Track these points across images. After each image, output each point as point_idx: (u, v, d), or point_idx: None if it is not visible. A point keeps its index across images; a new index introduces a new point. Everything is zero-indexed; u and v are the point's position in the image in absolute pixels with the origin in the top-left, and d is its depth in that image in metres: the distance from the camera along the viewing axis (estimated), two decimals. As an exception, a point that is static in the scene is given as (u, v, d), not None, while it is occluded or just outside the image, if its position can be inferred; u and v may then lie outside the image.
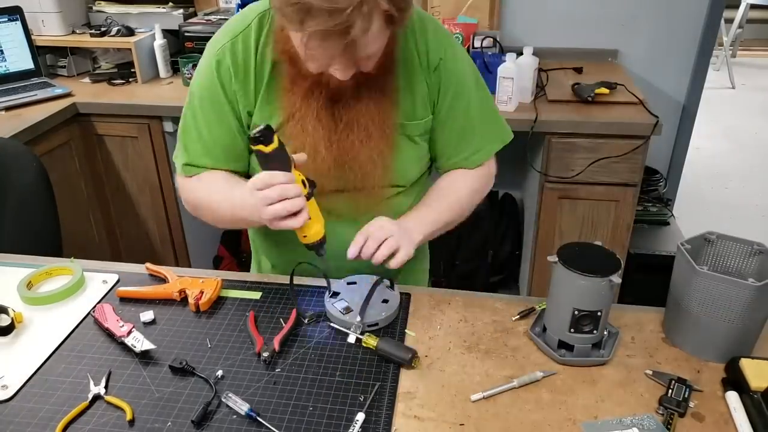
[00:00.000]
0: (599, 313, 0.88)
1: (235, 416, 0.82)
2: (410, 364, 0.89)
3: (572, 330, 0.89)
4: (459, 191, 1.16)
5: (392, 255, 0.99)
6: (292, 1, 0.82)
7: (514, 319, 1.00)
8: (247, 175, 1.13)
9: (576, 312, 0.88)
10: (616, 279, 0.85)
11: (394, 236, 1.00)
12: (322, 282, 1.07)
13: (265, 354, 0.90)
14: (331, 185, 1.07)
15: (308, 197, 0.94)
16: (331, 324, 0.98)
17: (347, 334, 0.95)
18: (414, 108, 1.08)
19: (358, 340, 0.94)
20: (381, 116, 1.03)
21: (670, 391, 0.84)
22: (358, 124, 1.02)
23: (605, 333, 0.92)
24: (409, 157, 1.12)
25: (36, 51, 2.22)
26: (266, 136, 0.88)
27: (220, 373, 0.88)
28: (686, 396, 0.83)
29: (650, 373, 0.88)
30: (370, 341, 0.92)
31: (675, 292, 0.93)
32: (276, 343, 0.91)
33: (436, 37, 1.08)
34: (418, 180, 1.18)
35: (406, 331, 0.97)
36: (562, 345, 0.91)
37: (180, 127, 1.12)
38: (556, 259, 0.89)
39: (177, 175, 1.14)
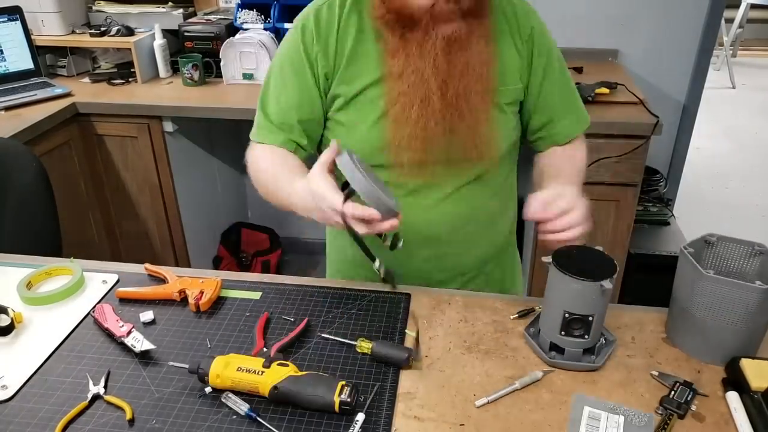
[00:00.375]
0: (590, 318, 0.87)
1: (234, 416, 0.81)
2: (407, 364, 0.89)
3: (563, 333, 0.89)
4: (579, 156, 1.15)
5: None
6: None
7: (512, 317, 1.00)
8: (317, 150, 1.13)
9: (567, 315, 0.87)
10: (607, 284, 0.84)
11: (580, 211, 0.94)
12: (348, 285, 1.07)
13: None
14: (429, 149, 1.03)
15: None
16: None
17: (347, 335, 0.95)
18: (505, 72, 1.06)
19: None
20: (489, 60, 1.01)
21: (672, 392, 0.84)
22: (473, 66, 0.99)
23: (602, 340, 0.92)
24: (498, 127, 1.08)
25: (36, 51, 2.22)
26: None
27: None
28: (689, 399, 0.83)
29: (656, 374, 0.88)
30: (365, 345, 0.91)
31: (679, 296, 0.93)
32: (273, 350, 0.91)
33: (524, 9, 1.08)
34: (504, 156, 1.14)
35: (406, 330, 0.97)
36: (554, 347, 0.91)
37: (259, 98, 1.11)
38: (550, 259, 0.89)
39: (251, 140, 1.13)
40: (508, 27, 1.06)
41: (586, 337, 0.88)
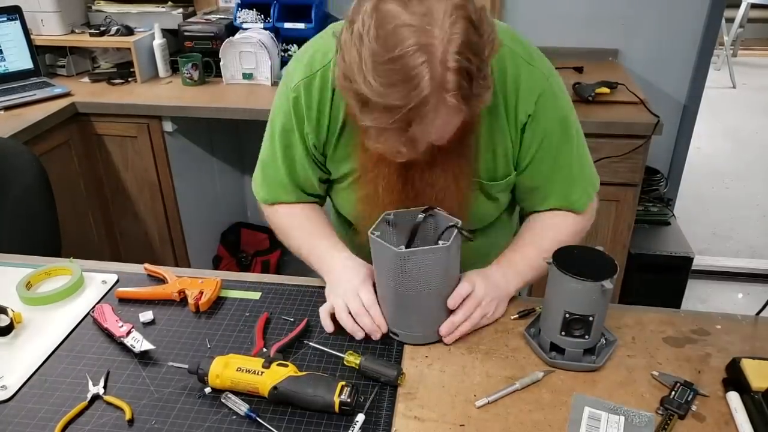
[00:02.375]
0: (591, 318, 0.87)
1: (234, 416, 0.81)
2: (396, 382, 0.86)
3: (563, 333, 0.88)
4: (559, 234, 1.04)
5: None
6: (350, 88, 0.76)
7: (512, 318, 0.99)
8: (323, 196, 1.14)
9: (567, 315, 0.87)
10: (608, 284, 0.84)
11: (487, 303, 0.95)
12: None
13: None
14: None
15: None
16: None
17: (346, 335, 0.95)
18: (495, 166, 1.00)
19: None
20: (456, 183, 0.96)
21: (673, 393, 0.84)
22: (433, 189, 0.96)
23: (603, 340, 0.92)
24: (486, 208, 1.07)
25: (35, 50, 2.22)
26: None
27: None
28: (689, 399, 0.83)
29: (656, 374, 0.88)
30: (352, 360, 0.89)
31: (381, 281, 0.93)
32: (273, 350, 0.90)
33: (529, 85, 0.94)
34: (497, 219, 1.12)
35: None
36: (554, 348, 0.91)
37: (260, 158, 1.11)
38: (551, 260, 0.88)
39: (259, 202, 1.15)
40: (506, 116, 0.95)
41: (587, 337, 0.88)
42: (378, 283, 0.94)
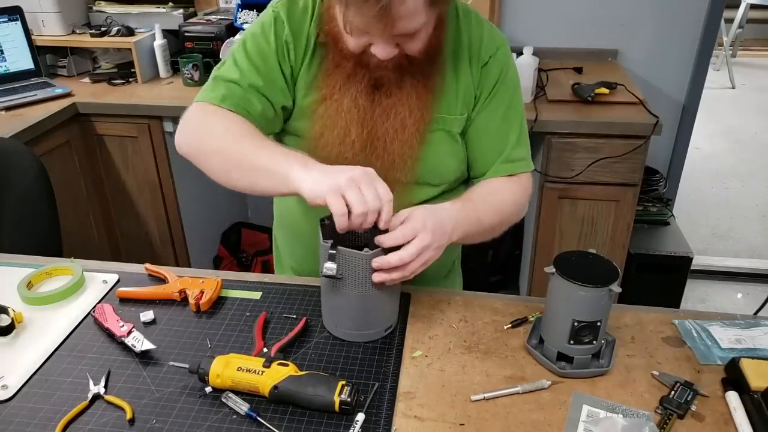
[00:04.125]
0: (598, 323, 0.87)
1: (235, 416, 0.82)
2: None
3: (572, 342, 0.88)
4: (504, 195, 1.06)
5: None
6: None
7: (506, 327, 0.98)
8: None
9: (575, 323, 0.86)
10: (617, 288, 0.84)
11: (425, 237, 0.87)
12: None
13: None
14: None
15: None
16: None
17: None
18: (456, 102, 1.05)
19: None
20: (420, 109, 1.00)
21: (672, 392, 0.84)
22: (396, 112, 0.99)
23: (602, 342, 0.92)
24: (445, 152, 1.06)
25: (36, 51, 2.22)
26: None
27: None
28: (689, 399, 0.83)
29: (656, 374, 0.88)
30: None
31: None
32: (273, 350, 0.91)
33: (491, 34, 1.05)
34: (453, 188, 1.12)
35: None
36: (561, 357, 0.90)
37: (219, 66, 1.05)
38: (554, 270, 0.87)
39: (197, 104, 1.02)
40: (470, 54, 1.04)
41: (594, 342, 0.88)
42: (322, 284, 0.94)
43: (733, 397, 0.84)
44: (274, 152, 0.91)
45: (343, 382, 0.82)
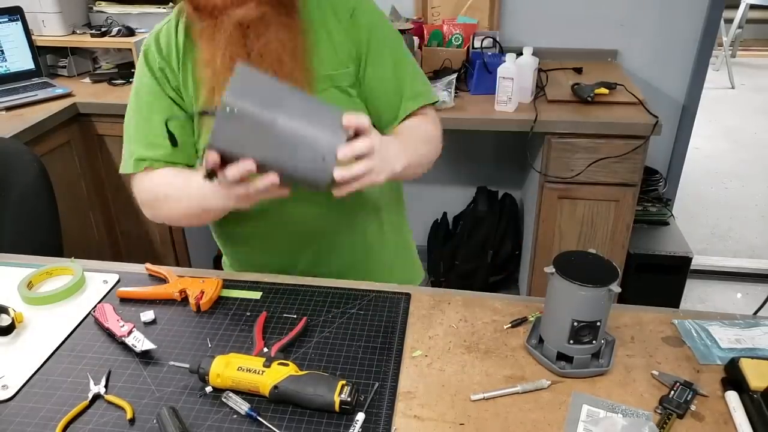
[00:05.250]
0: (598, 323, 0.87)
1: (235, 416, 0.82)
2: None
3: (571, 341, 0.88)
4: (423, 127, 1.12)
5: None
6: None
7: (506, 327, 0.98)
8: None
9: (575, 323, 0.86)
10: (616, 288, 0.84)
11: (374, 158, 0.87)
12: (326, 282, 1.07)
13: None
14: None
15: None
16: None
17: (347, 335, 0.96)
18: (336, 56, 1.07)
19: None
20: (293, 43, 1.01)
21: (672, 392, 0.84)
22: (269, 50, 1.00)
23: (602, 341, 0.92)
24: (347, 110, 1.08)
25: (36, 51, 2.22)
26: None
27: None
28: (688, 398, 0.83)
29: (656, 374, 0.88)
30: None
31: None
32: (274, 350, 0.91)
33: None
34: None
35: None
36: (561, 357, 0.90)
37: (124, 132, 1.14)
38: (554, 270, 0.87)
39: (131, 177, 1.15)
40: (333, 11, 1.07)
41: (594, 342, 0.88)
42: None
43: (732, 397, 0.84)
44: (196, 196, 1.00)
45: (343, 382, 0.82)
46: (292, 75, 1.00)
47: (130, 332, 0.93)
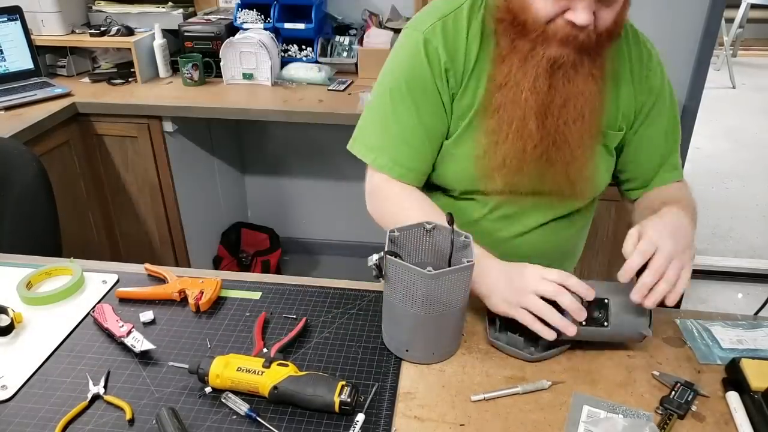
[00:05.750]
0: None
1: (234, 416, 0.81)
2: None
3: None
4: (687, 197, 1.06)
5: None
6: None
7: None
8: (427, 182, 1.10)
9: None
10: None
11: (675, 257, 0.84)
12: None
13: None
14: (528, 180, 1.00)
15: None
16: None
17: (347, 335, 0.95)
18: (617, 117, 1.04)
19: None
20: (595, 99, 0.96)
21: (673, 393, 0.84)
22: (575, 103, 0.94)
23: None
24: (602, 165, 1.05)
25: (35, 51, 2.22)
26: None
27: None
28: (689, 399, 0.83)
29: (657, 374, 0.88)
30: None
31: (392, 302, 0.89)
32: (273, 350, 0.90)
33: (648, 48, 1.06)
34: (589, 204, 1.12)
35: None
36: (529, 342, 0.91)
37: (372, 118, 1.05)
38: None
39: (372, 170, 1.06)
40: (631, 69, 1.03)
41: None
42: (389, 304, 0.90)
43: (733, 398, 0.83)
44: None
45: (343, 383, 0.82)
46: (590, 130, 0.97)
47: (129, 332, 0.93)
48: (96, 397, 0.84)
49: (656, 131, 1.07)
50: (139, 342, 0.91)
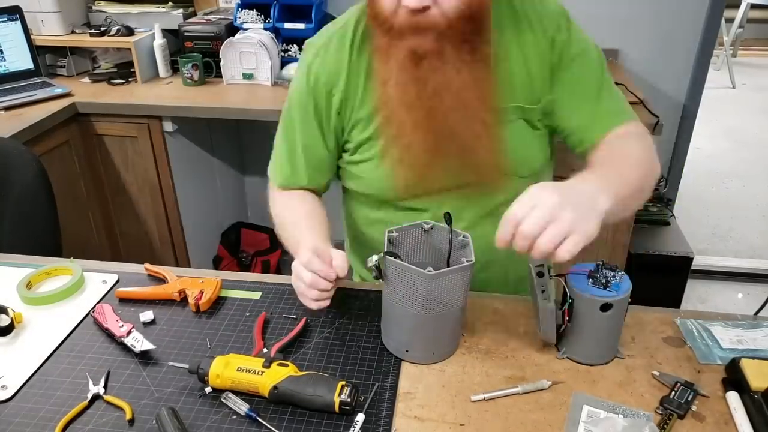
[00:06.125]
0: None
1: (234, 416, 0.81)
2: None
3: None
4: (630, 148, 0.95)
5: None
6: None
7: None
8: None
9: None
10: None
11: (559, 214, 0.73)
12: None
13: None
14: (436, 178, 0.98)
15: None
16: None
17: (347, 335, 0.95)
18: (531, 88, 0.99)
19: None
20: (479, 84, 0.91)
21: (673, 393, 0.84)
22: (450, 93, 0.91)
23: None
24: (528, 140, 1.01)
25: (35, 51, 2.22)
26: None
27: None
28: (689, 399, 0.83)
29: (657, 374, 0.88)
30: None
31: (392, 302, 0.90)
32: (273, 350, 0.90)
33: (551, 7, 1.00)
34: (542, 170, 1.06)
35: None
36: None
37: (277, 136, 1.13)
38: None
39: (270, 184, 1.15)
40: (531, 27, 0.98)
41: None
42: (389, 305, 0.90)
43: (733, 398, 0.83)
44: (296, 239, 1.00)
45: (343, 383, 0.82)
46: (478, 116, 0.93)
47: (129, 332, 0.93)
48: (96, 397, 0.84)
49: (575, 84, 1.00)
50: (139, 342, 0.91)
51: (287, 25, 2.22)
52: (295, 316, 0.99)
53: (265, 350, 0.91)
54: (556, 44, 0.99)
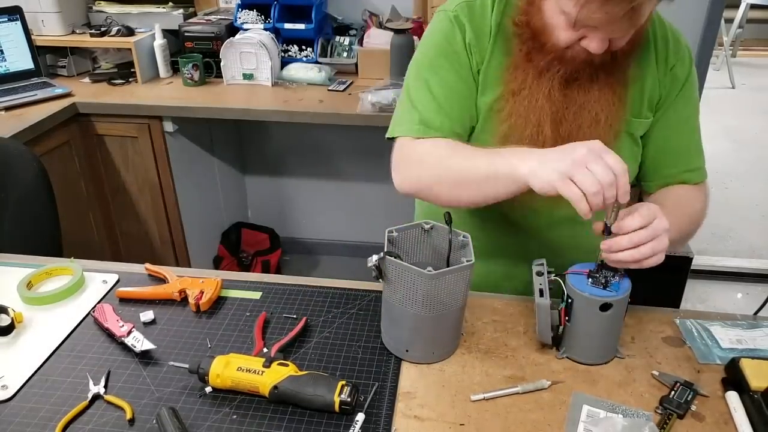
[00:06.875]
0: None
1: (235, 416, 0.82)
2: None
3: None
4: (695, 203, 1.06)
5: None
6: None
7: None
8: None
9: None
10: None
11: (663, 238, 0.85)
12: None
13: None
14: None
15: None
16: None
17: (347, 335, 0.95)
18: (641, 104, 1.03)
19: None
20: (613, 105, 0.97)
21: (672, 392, 0.84)
22: (589, 109, 0.96)
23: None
24: (628, 155, 1.04)
25: (36, 51, 2.22)
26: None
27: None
28: (689, 399, 0.83)
29: (656, 374, 0.88)
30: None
31: (392, 303, 0.90)
32: (273, 350, 0.91)
33: (676, 36, 1.05)
34: (632, 185, 1.08)
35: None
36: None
37: (402, 99, 1.05)
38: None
39: (400, 140, 1.02)
40: (656, 55, 1.03)
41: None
42: (389, 305, 0.90)
43: (733, 397, 0.84)
44: (487, 158, 0.90)
45: (343, 382, 0.82)
46: (601, 134, 0.96)
47: (129, 332, 0.93)
48: (96, 397, 0.84)
49: (676, 121, 1.06)
50: (139, 342, 0.91)
51: (287, 26, 2.22)
52: (295, 316, 1.00)
53: (265, 350, 0.91)
54: (675, 76, 1.03)
